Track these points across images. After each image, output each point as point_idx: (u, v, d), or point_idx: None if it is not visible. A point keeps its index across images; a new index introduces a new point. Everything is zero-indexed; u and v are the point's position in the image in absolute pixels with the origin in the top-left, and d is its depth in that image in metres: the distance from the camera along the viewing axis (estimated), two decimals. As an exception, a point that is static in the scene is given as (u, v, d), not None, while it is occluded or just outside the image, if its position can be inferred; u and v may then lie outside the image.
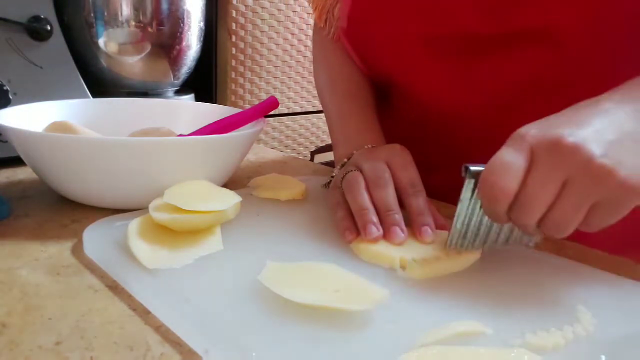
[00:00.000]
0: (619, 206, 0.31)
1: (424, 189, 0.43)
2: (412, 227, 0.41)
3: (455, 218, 0.36)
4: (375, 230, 0.39)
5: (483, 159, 0.58)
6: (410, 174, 0.44)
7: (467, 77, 0.50)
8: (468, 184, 0.35)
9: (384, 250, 0.38)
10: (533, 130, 0.33)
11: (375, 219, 0.40)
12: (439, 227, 0.42)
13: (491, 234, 0.37)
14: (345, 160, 0.50)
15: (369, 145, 0.50)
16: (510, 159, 0.32)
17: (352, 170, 0.45)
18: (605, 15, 0.42)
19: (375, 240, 0.39)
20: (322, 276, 0.32)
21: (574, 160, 0.30)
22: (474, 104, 0.52)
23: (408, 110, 0.59)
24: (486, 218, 0.36)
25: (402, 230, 0.39)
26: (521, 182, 0.31)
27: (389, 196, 0.42)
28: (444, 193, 0.55)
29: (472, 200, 0.35)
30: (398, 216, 0.40)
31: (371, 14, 0.54)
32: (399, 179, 0.43)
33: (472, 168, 0.34)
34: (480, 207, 0.35)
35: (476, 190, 0.34)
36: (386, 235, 0.39)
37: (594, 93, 0.47)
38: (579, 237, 0.46)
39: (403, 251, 0.37)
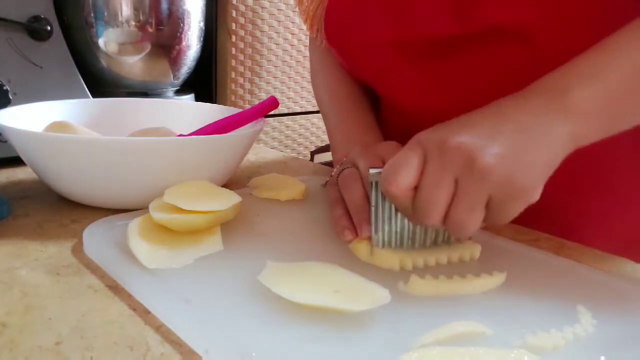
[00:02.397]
0: (506, 205, 0.32)
1: None
2: None
3: (372, 223, 0.37)
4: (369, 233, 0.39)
5: None
6: None
7: (441, 79, 0.50)
8: (374, 187, 0.36)
9: (383, 250, 0.38)
10: (426, 134, 0.35)
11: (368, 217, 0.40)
12: None
13: (417, 234, 0.38)
14: (344, 160, 0.50)
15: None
16: (404, 157, 0.34)
17: (348, 167, 0.45)
18: (570, 13, 0.42)
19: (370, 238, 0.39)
20: (322, 276, 0.32)
21: (459, 159, 0.32)
22: (452, 105, 0.51)
23: (392, 115, 0.60)
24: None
25: None
26: (416, 178, 0.33)
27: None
28: None
29: (385, 202, 0.37)
30: None
31: (345, 22, 0.54)
32: None
33: (372, 170, 0.36)
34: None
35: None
36: None
37: None
38: (579, 237, 0.46)
39: (403, 252, 0.37)
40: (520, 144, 0.32)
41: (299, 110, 1.26)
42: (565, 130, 0.33)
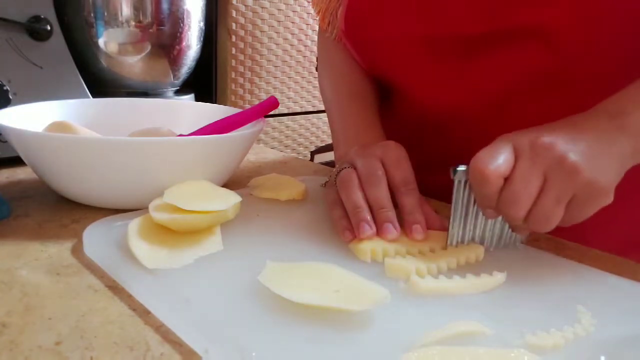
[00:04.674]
0: (587, 203, 0.35)
1: (416, 187, 0.43)
2: (404, 225, 0.41)
3: (450, 220, 0.39)
4: (368, 228, 0.39)
5: None
6: (403, 171, 0.43)
7: (463, 76, 0.50)
8: (458, 185, 0.38)
9: (382, 250, 0.38)
10: (513, 134, 0.37)
11: (368, 217, 0.40)
12: (436, 227, 0.42)
13: (487, 232, 0.40)
14: (343, 159, 0.50)
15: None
16: (496, 148, 0.36)
17: (346, 167, 0.45)
18: (597, 15, 0.42)
19: (368, 238, 0.38)
20: (322, 276, 0.32)
21: (550, 156, 0.35)
22: (471, 103, 0.52)
23: (407, 110, 0.60)
24: (481, 215, 0.39)
25: (394, 227, 0.39)
26: (510, 168, 0.35)
27: (382, 194, 0.42)
28: (445, 192, 0.55)
29: (465, 200, 0.38)
30: (391, 213, 0.40)
31: (367, 16, 0.54)
32: (392, 177, 0.43)
33: (459, 168, 0.37)
34: (474, 204, 0.38)
35: (466, 189, 0.38)
36: (379, 232, 0.39)
37: (588, 90, 0.47)
38: (579, 237, 0.46)
39: (415, 261, 0.37)
40: (597, 150, 0.35)
41: (299, 110, 1.26)
42: (628, 147, 0.37)
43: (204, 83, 1.12)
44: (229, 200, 0.41)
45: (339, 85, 0.60)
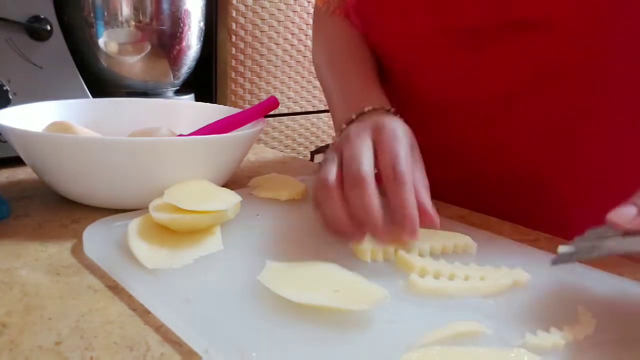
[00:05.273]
0: None
1: (410, 172, 0.37)
2: (394, 222, 0.35)
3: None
4: (363, 239, 0.37)
5: (484, 153, 0.58)
6: (394, 152, 0.38)
7: (470, 70, 0.50)
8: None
9: (382, 250, 0.38)
10: None
11: (351, 229, 0.36)
12: (428, 224, 0.39)
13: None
14: (344, 126, 0.45)
15: (369, 107, 0.45)
16: None
17: (331, 158, 0.39)
18: (602, 9, 0.42)
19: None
20: (322, 276, 0.32)
21: None
22: (476, 97, 0.52)
23: (406, 107, 0.59)
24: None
25: (384, 234, 0.35)
26: None
27: (365, 202, 0.35)
28: (444, 189, 0.55)
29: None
30: (378, 222, 0.35)
31: (373, 15, 0.54)
32: (380, 161, 0.38)
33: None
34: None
35: None
36: (378, 241, 0.36)
37: (594, 84, 0.47)
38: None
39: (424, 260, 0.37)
40: None
41: (299, 110, 1.26)
42: None
43: (204, 83, 1.12)
44: (229, 200, 0.41)
45: (334, 51, 0.57)
